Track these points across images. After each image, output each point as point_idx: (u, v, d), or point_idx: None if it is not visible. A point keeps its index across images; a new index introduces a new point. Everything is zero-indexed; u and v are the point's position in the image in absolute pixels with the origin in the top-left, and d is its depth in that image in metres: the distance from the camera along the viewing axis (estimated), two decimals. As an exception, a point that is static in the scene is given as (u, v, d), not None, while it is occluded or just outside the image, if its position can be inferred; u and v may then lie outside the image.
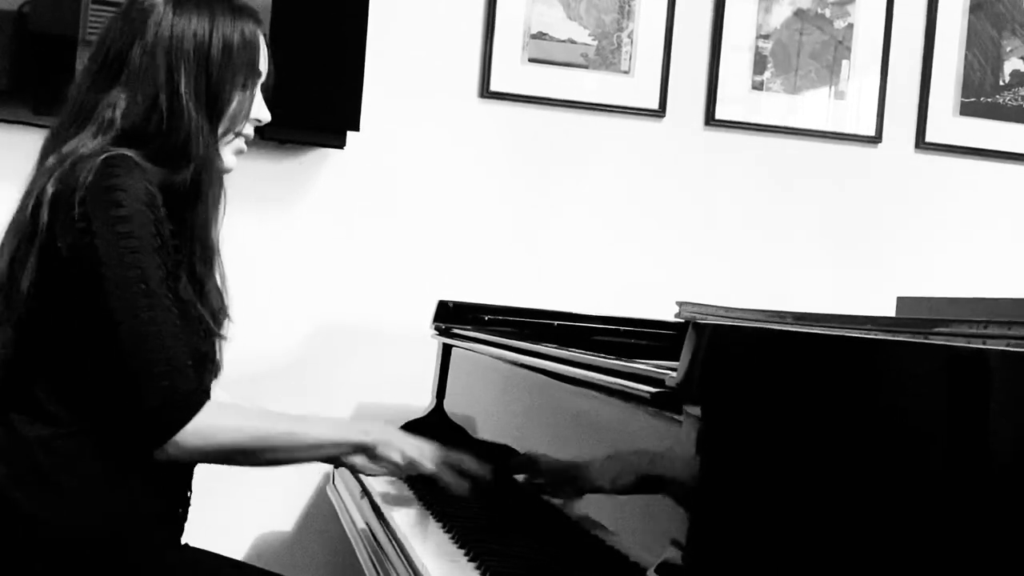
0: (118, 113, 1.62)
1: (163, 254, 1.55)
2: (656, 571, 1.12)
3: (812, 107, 2.98)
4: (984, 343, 1.29)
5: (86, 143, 1.60)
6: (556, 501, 1.62)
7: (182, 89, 1.62)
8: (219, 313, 1.74)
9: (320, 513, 2.69)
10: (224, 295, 1.76)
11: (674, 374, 1.16)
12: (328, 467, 2.38)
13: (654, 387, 1.21)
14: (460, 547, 1.58)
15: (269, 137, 2.63)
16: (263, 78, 1.76)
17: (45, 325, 1.58)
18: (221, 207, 1.77)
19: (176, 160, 1.63)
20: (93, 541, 1.55)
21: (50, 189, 1.57)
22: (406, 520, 1.78)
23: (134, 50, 1.64)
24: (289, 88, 2.55)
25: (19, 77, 2.49)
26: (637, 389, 1.24)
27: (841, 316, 1.72)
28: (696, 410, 1.12)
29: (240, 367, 2.56)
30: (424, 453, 1.70)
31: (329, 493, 2.40)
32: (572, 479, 1.57)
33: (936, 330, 1.63)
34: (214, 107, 1.66)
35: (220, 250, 1.76)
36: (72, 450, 1.57)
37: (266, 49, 1.76)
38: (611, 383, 1.37)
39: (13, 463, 1.57)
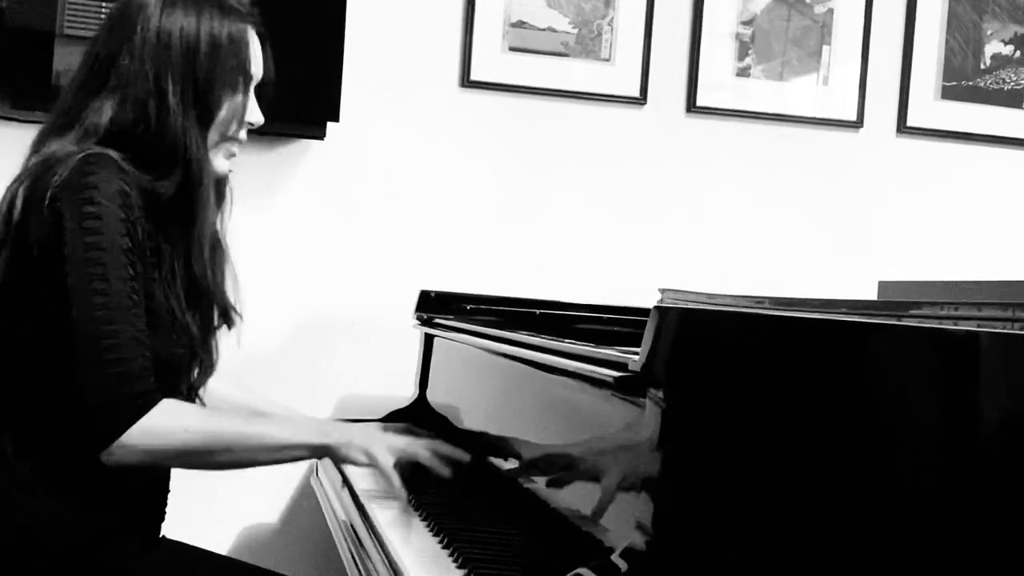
0: (104, 119, 1.60)
1: (133, 255, 1.53)
2: (620, 556, 1.12)
3: (794, 93, 2.98)
4: (955, 324, 1.29)
5: (67, 146, 1.59)
6: (530, 487, 1.63)
7: (169, 94, 1.60)
8: (230, 314, 1.74)
9: (306, 505, 2.69)
10: (235, 293, 1.75)
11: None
12: (311, 459, 2.38)
13: (620, 372, 1.21)
14: (440, 541, 1.58)
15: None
16: (256, 80, 1.73)
17: (13, 323, 1.56)
18: (225, 207, 1.76)
19: (163, 164, 1.61)
20: (67, 541, 1.54)
21: (24, 188, 1.57)
22: (385, 513, 1.78)
23: (122, 55, 1.62)
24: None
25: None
26: (603, 374, 1.24)
27: (819, 300, 1.72)
28: (658, 393, 1.12)
29: (224, 359, 2.58)
30: (392, 446, 1.67)
31: (313, 484, 2.40)
32: (544, 466, 1.58)
33: (910, 312, 1.63)
34: (204, 111, 1.64)
35: (227, 250, 1.75)
36: (42, 449, 1.56)
37: (260, 49, 1.73)
38: (580, 369, 1.37)
39: None
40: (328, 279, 2.75)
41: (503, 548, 1.50)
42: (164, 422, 1.51)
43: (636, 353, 1.24)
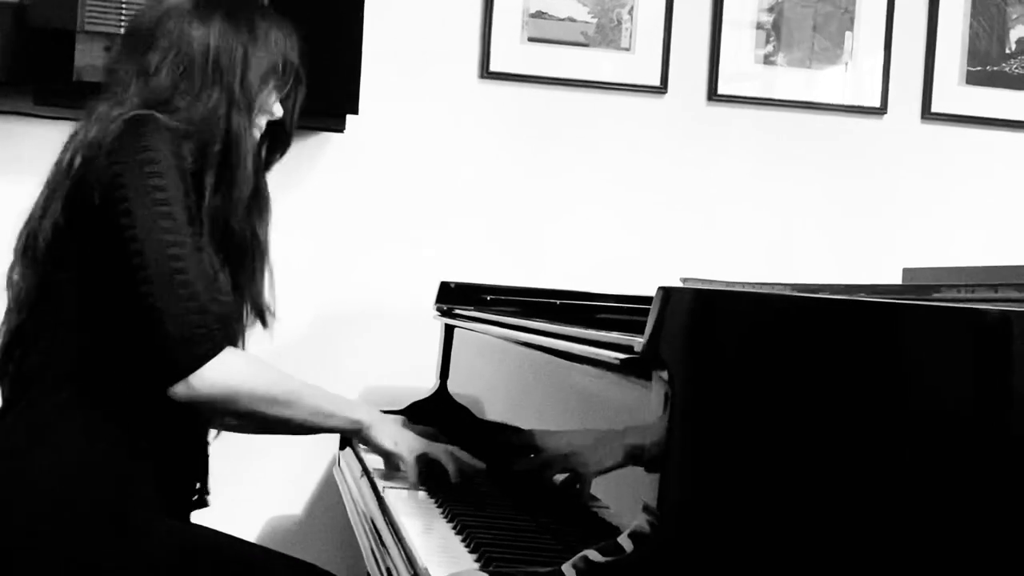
0: (146, 85, 1.68)
1: (191, 199, 1.60)
2: (627, 537, 1.11)
3: (817, 80, 2.96)
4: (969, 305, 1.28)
5: (113, 110, 1.65)
6: (546, 473, 1.62)
7: (211, 70, 1.69)
8: (264, 310, 1.82)
9: (330, 495, 2.70)
10: (271, 292, 1.83)
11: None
12: (336, 449, 2.39)
13: (626, 354, 1.20)
14: (454, 527, 1.58)
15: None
16: (288, 86, 1.82)
17: (67, 272, 1.62)
18: (266, 212, 1.85)
19: (203, 136, 1.67)
20: (94, 506, 1.57)
21: (80, 149, 1.63)
22: (401, 498, 1.78)
23: (163, 26, 1.70)
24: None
25: (19, 68, 2.51)
26: (611, 357, 1.24)
27: (841, 286, 1.71)
28: (662, 374, 1.11)
29: (246, 348, 2.59)
30: (417, 441, 1.73)
31: (335, 474, 2.41)
32: (560, 451, 1.57)
33: (931, 296, 1.62)
34: (244, 88, 1.72)
35: (268, 249, 1.84)
36: (80, 414, 1.59)
37: (293, 43, 1.83)
38: (590, 353, 1.37)
39: (16, 427, 1.60)
40: (349, 271, 2.76)
41: (516, 533, 1.50)
42: (239, 362, 1.58)
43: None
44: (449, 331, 2.49)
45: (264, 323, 1.80)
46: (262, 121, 1.80)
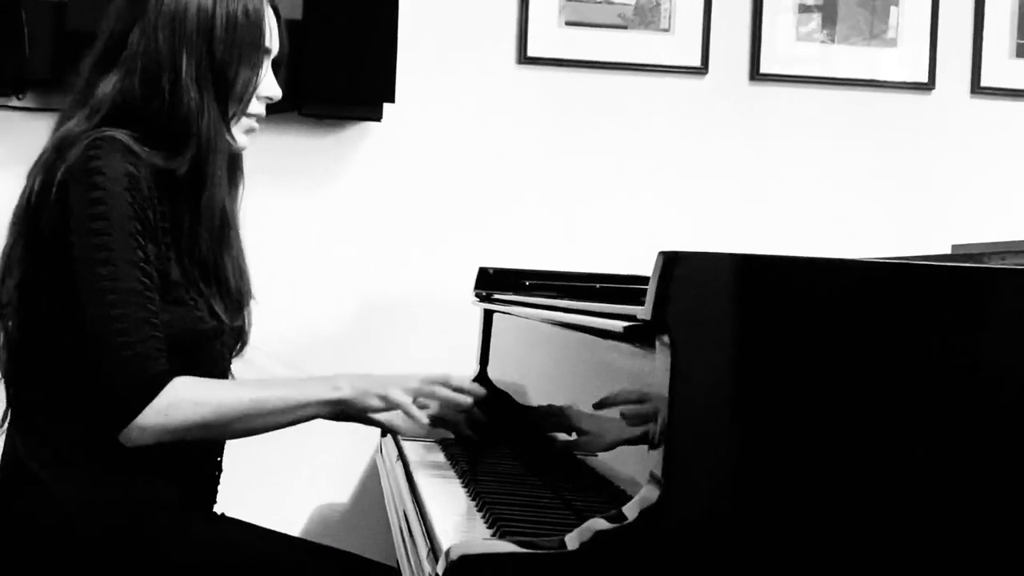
0: (113, 93, 1.60)
1: (144, 237, 1.54)
2: (632, 505, 1.10)
3: (861, 56, 2.91)
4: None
5: (80, 125, 1.59)
6: (579, 454, 1.61)
7: (184, 69, 1.60)
8: (240, 293, 1.74)
9: (374, 483, 2.71)
10: (245, 274, 1.75)
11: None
12: (379, 437, 2.40)
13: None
14: (476, 503, 1.57)
15: (306, 114, 2.66)
16: (272, 54, 1.72)
17: (39, 311, 1.59)
18: (238, 187, 1.75)
19: (177, 142, 1.61)
20: (108, 512, 1.57)
21: (40, 175, 1.59)
22: (427, 476, 1.78)
23: (134, 32, 1.62)
24: (322, 62, 2.60)
25: (61, 66, 2.54)
26: (614, 326, 1.22)
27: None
28: (665, 339, 1.10)
29: (287, 342, 2.61)
30: (406, 387, 1.65)
31: (377, 461, 2.41)
32: (589, 427, 1.56)
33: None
34: (221, 86, 1.63)
35: (239, 230, 1.74)
36: (79, 424, 1.58)
37: (275, 23, 1.72)
38: (606, 325, 1.35)
39: (27, 435, 1.61)
40: (390, 260, 2.76)
41: (538, 510, 1.49)
42: (176, 398, 1.52)
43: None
44: (488, 316, 2.48)
45: (242, 305, 1.73)
46: (249, 122, 1.71)
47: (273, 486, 2.70)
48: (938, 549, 1.09)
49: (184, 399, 1.53)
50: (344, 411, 1.65)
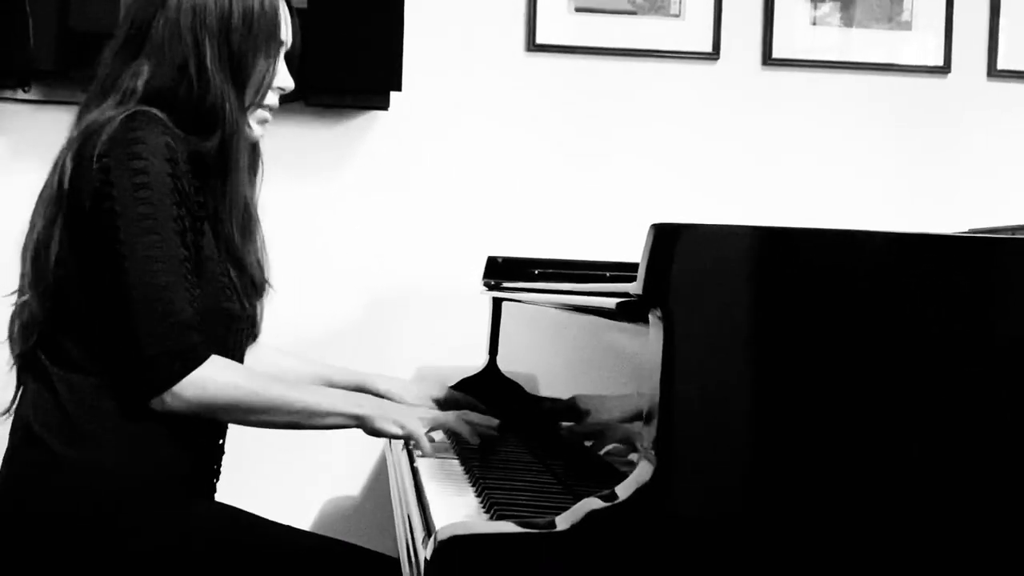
0: (141, 81, 1.65)
1: (183, 208, 1.58)
2: (625, 484, 1.07)
3: (875, 40, 2.86)
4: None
5: (107, 111, 1.63)
6: (590, 446, 1.58)
7: (207, 58, 1.65)
8: (260, 282, 1.78)
9: (384, 477, 2.69)
10: (265, 264, 1.79)
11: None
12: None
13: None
14: (474, 488, 1.55)
15: (312, 104, 2.64)
16: (286, 47, 1.77)
17: (73, 285, 1.61)
18: (258, 175, 1.81)
19: (204, 127, 1.66)
20: (116, 483, 1.59)
21: (72, 154, 1.62)
22: (431, 470, 1.76)
23: (157, 21, 1.66)
24: (328, 51, 2.57)
25: (66, 58, 2.53)
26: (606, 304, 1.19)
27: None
28: (657, 312, 1.07)
29: (296, 333, 2.59)
30: (423, 417, 1.70)
31: (386, 455, 2.39)
32: (599, 410, 1.53)
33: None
34: (239, 76, 1.69)
35: (259, 219, 1.80)
36: (94, 397, 1.61)
37: (289, 16, 1.77)
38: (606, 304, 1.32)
39: (41, 406, 1.62)
40: (398, 249, 2.74)
41: (537, 494, 1.47)
42: (216, 376, 1.57)
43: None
44: (497, 305, 2.46)
45: (259, 292, 1.77)
46: (263, 113, 1.75)
47: (282, 479, 2.68)
48: (952, 516, 1.06)
49: (225, 378, 1.58)
50: (360, 426, 1.69)
